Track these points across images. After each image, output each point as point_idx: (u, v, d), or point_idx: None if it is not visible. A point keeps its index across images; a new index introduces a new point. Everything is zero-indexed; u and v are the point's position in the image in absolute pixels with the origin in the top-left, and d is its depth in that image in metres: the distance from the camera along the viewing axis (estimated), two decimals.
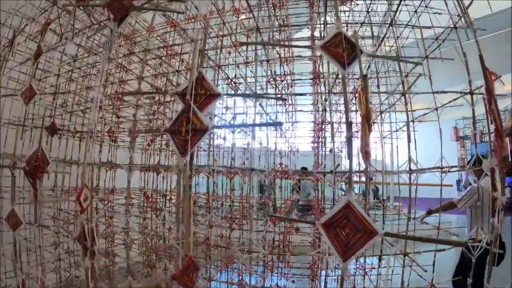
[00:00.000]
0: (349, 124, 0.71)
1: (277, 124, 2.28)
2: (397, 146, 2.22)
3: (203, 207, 2.95)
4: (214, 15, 2.30)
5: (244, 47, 2.49)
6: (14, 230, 1.48)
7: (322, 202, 3.26)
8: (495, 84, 1.11)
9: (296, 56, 3.06)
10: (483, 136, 14.03)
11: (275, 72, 2.51)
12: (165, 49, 2.61)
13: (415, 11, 1.91)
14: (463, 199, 3.81)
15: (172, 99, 2.74)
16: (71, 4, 1.40)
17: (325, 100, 2.64)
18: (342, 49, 0.62)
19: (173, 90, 0.80)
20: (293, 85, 3.02)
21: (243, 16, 2.55)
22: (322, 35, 2.48)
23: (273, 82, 2.55)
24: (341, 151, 3.62)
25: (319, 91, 3.05)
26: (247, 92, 2.58)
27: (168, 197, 2.89)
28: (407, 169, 1.71)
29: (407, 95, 1.79)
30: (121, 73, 2.75)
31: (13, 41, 2.10)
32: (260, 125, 2.28)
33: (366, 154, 0.61)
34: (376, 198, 7.60)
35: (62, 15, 2.02)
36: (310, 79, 3.02)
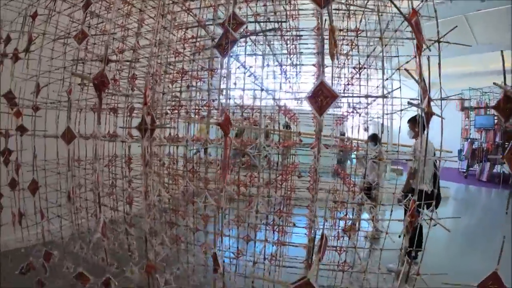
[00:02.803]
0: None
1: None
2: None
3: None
4: None
5: None
6: (68, 143, 1.83)
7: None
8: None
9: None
10: (488, 109, 14.18)
11: (281, 24, 2.74)
12: None
13: None
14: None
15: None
16: None
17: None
18: None
19: (218, 22, 1.17)
20: (298, 38, 3.20)
21: None
22: None
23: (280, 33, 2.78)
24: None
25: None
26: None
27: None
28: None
29: None
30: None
31: None
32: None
33: (332, 56, 0.90)
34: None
35: None
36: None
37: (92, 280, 1.65)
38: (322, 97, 0.86)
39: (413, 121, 4.22)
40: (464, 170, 14.36)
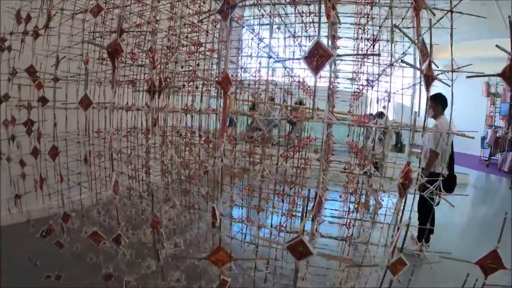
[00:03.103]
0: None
1: None
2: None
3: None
4: None
5: None
6: (86, 110, 1.91)
7: None
8: None
9: None
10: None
11: None
12: None
13: None
14: (436, 144, 4.07)
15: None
16: None
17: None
18: None
19: None
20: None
21: None
22: None
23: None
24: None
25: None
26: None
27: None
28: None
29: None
30: None
31: None
32: None
33: (328, 16, 0.91)
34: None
35: None
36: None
37: (105, 239, 1.75)
38: (317, 56, 0.89)
39: (433, 99, 4.02)
40: (486, 159, 13.97)
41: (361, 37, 2.89)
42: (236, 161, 3.09)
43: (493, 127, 14.30)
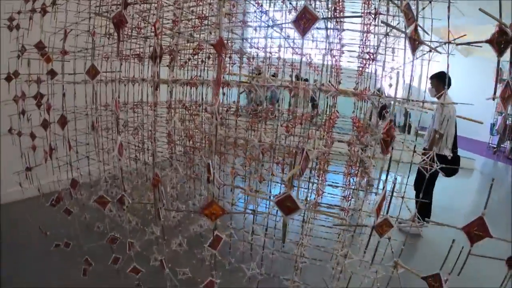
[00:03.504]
0: None
1: None
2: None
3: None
4: None
5: None
6: (93, 79, 1.97)
7: None
8: None
9: None
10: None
11: None
12: None
13: None
14: (440, 124, 4.04)
15: None
16: None
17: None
18: None
19: None
20: None
21: None
22: None
23: None
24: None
25: None
26: None
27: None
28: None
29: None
30: None
31: None
32: None
33: None
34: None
35: None
36: None
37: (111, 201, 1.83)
38: (305, 20, 0.94)
39: (437, 78, 3.93)
40: (495, 146, 13.82)
41: (367, 12, 2.90)
42: (237, 130, 3.18)
43: (503, 114, 14.08)
